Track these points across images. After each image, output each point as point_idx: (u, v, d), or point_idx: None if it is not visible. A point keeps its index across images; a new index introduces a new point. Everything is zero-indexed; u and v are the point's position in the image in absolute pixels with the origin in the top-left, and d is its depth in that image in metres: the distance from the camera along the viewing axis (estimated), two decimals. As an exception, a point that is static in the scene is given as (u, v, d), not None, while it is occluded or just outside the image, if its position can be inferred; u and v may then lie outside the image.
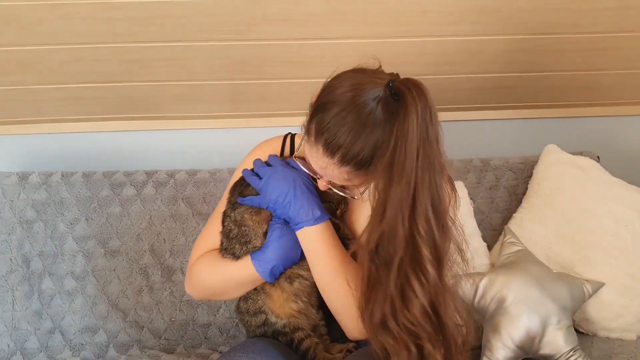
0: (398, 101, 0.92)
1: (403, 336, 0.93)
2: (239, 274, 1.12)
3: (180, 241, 1.66)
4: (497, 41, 1.66)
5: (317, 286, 1.11)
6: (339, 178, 1.01)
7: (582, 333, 1.52)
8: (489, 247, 1.65)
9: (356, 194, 1.09)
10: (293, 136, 1.25)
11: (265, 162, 1.13)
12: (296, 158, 1.09)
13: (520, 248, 1.53)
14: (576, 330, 1.43)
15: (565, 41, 1.69)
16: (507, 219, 1.70)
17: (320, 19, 1.55)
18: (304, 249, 1.08)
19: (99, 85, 1.74)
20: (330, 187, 1.06)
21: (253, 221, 1.11)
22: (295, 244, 1.08)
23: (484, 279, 1.41)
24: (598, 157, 1.74)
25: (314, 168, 1.03)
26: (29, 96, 1.75)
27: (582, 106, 1.97)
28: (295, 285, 1.12)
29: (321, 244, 1.06)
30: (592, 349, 1.43)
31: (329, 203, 1.10)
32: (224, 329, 1.62)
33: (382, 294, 0.94)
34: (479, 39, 1.65)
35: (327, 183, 1.05)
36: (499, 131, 1.98)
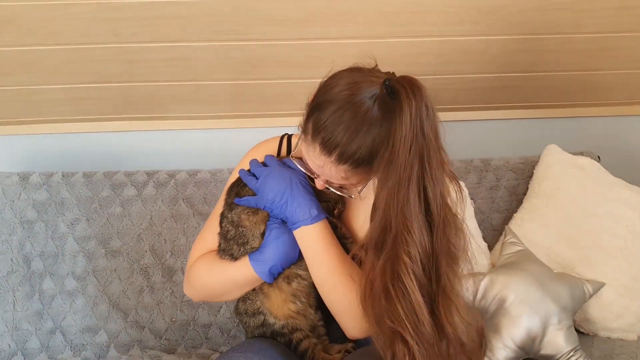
0: (394, 99, 0.92)
1: (395, 335, 0.93)
2: (237, 275, 1.12)
3: (181, 241, 1.66)
4: (497, 41, 1.66)
5: (315, 286, 1.11)
6: (336, 177, 1.01)
7: (583, 333, 1.52)
8: (490, 247, 1.65)
9: (354, 193, 1.09)
10: (290, 137, 1.25)
11: (261, 162, 1.13)
12: (293, 158, 1.09)
13: (521, 248, 1.53)
14: (577, 331, 1.43)
15: (566, 41, 1.69)
16: (507, 219, 1.70)
17: (320, 19, 1.55)
18: (302, 248, 1.08)
19: (99, 85, 1.74)
20: (328, 186, 1.06)
21: (250, 222, 1.11)
22: (293, 243, 1.08)
23: (485, 279, 1.41)
24: (599, 157, 1.74)
25: (311, 167, 1.03)
26: (29, 96, 1.75)
27: (582, 106, 1.97)
28: (294, 286, 1.12)
29: (319, 243, 1.06)
30: (592, 349, 1.43)
31: (326, 202, 1.10)
32: (224, 329, 1.62)
33: (378, 289, 0.95)
34: (479, 39, 1.65)
35: (324, 182, 1.05)
36: (499, 131, 1.98)
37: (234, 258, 1.12)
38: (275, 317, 1.13)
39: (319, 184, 1.06)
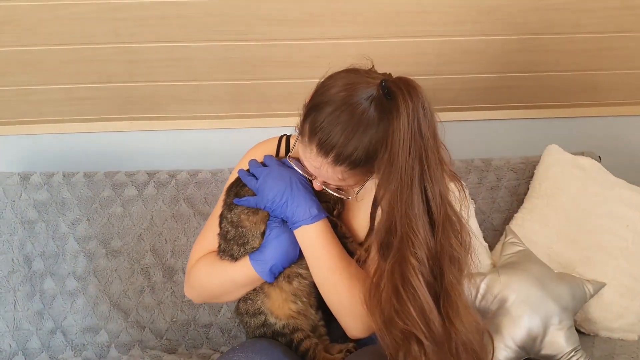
0: (390, 100, 0.92)
1: (407, 335, 0.93)
2: (237, 275, 1.12)
3: (181, 241, 1.66)
4: (497, 41, 1.66)
5: (316, 286, 1.11)
6: (333, 178, 1.01)
7: (584, 333, 1.51)
8: (491, 248, 1.65)
9: (351, 195, 1.09)
10: (288, 137, 1.25)
11: (261, 162, 1.13)
12: (290, 158, 1.09)
13: (522, 248, 1.52)
14: (577, 331, 1.43)
15: (566, 41, 1.69)
16: (508, 219, 1.70)
17: (320, 19, 1.55)
18: (302, 248, 1.08)
19: (100, 85, 1.74)
20: (325, 187, 1.06)
21: (250, 222, 1.11)
22: (293, 242, 1.08)
23: (486, 279, 1.41)
24: (599, 157, 1.74)
25: (308, 168, 1.03)
26: (30, 96, 1.75)
27: (583, 106, 1.97)
28: (295, 285, 1.12)
29: (319, 243, 1.06)
30: (593, 349, 1.43)
31: (325, 203, 1.10)
32: (225, 329, 1.62)
33: (385, 290, 0.95)
34: (479, 39, 1.65)
35: (321, 184, 1.05)
36: (500, 131, 1.98)
37: (235, 258, 1.12)
38: (276, 317, 1.13)
39: (316, 185, 1.06)
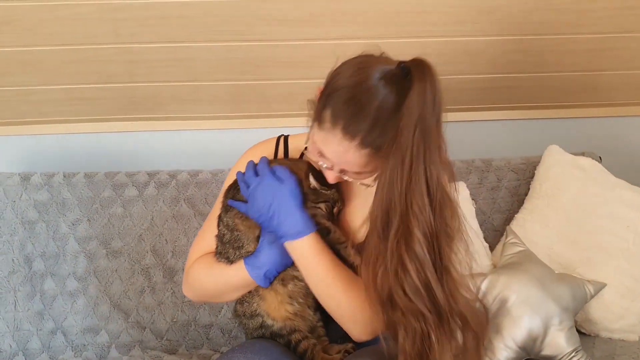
0: (408, 78, 0.94)
1: (409, 312, 0.95)
2: (233, 278, 1.12)
3: (182, 242, 1.66)
4: (498, 41, 1.66)
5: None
6: (357, 163, 1.00)
7: (584, 334, 1.51)
8: (491, 248, 1.65)
9: (369, 182, 1.08)
10: (286, 137, 1.25)
11: (256, 164, 1.11)
12: (306, 157, 1.07)
13: (522, 249, 1.52)
14: (578, 331, 1.43)
15: (567, 41, 1.69)
16: (509, 219, 1.69)
17: (320, 19, 1.55)
18: (294, 260, 1.08)
19: (100, 85, 1.74)
20: (344, 176, 1.04)
21: (244, 226, 1.11)
22: None
23: (486, 279, 1.41)
24: (600, 157, 1.74)
25: (329, 157, 1.01)
26: (30, 97, 1.75)
27: (584, 107, 1.97)
28: (290, 287, 1.12)
29: (309, 256, 1.06)
30: (594, 349, 1.42)
31: (325, 202, 1.10)
32: (225, 330, 1.62)
33: (384, 268, 0.96)
34: (480, 40, 1.65)
35: (340, 173, 1.04)
36: (500, 132, 1.98)
37: (230, 261, 1.12)
38: (272, 319, 1.13)
39: (332, 176, 1.04)
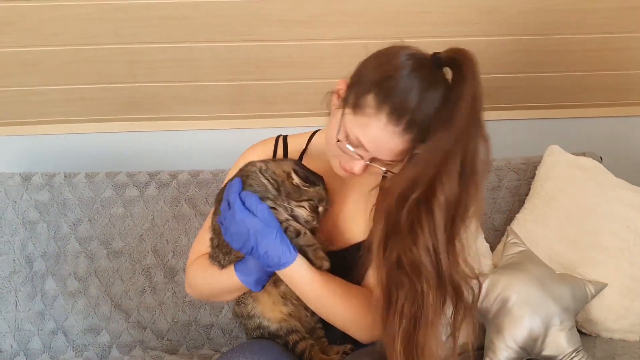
0: (454, 67, 0.97)
1: (414, 270, 0.96)
2: (225, 283, 1.12)
3: (182, 242, 1.66)
4: (498, 42, 1.66)
5: None
6: (395, 151, 1.00)
7: (585, 334, 1.51)
8: (492, 248, 1.65)
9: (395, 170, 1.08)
10: (285, 137, 1.25)
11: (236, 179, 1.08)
12: (338, 143, 1.04)
13: (523, 249, 1.52)
14: (579, 331, 1.43)
15: (568, 42, 1.69)
16: (509, 219, 1.69)
17: (321, 19, 1.55)
18: (287, 284, 1.08)
19: (101, 86, 1.74)
20: (373, 164, 1.03)
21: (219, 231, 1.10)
22: None
23: (487, 279, 1.41)
24: (601, 157, 1.74)
25: (367, 143, 1.00)
26: (31, 97, 1.75)
27: (584, 107, 1.96)
28: (282, 288, 1.11)
29: (298, 280, 1.06)
30: (594, 350, 1.42)
31: (308, 201, 1.07)
32: (226, 330, 1.62)
33: (397, 232, 0.97)
34: (480, 40, 1.65)
35: (370, 162, 1.03)
36: (501, 132, 1.98)
37: (222, 266, 1.12)
38: (268, 320, 1.13)
39: (358, 167, 1.03)
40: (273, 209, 1.04)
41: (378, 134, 0.98)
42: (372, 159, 1.03)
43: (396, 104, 0.96)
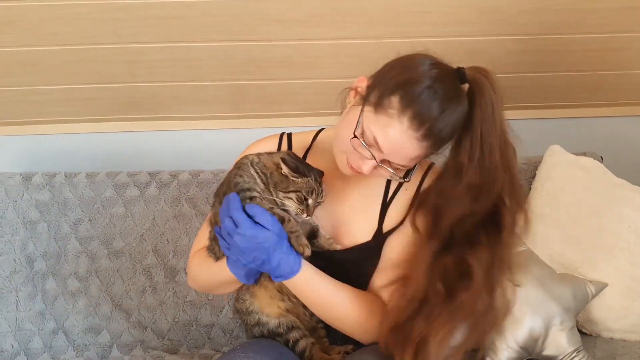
0: (473, 87, 1.01)
1: (467, 241, 1.05)
2: (220, 275, 1.12)
3: (183, 242, 1.66)
4: (499, 41, 1.66)
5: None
6: (409, 156, 1.01)
7: (586, 334, 1.51)
8: (492, 248, 1.65)
9: (404, 176, 1.09)
10: (290, 135, 1.25)
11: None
12: (352, 140, 1.03)
13: (524, 249, 1.52)
14: (579, 331, 1.43)
15: (568, 41, 1.68)
16: (510, 219, 1.69)
17: (321, 19, 1.55)
18: (295, 294, 1.09)
19: (101, 85, 1.74)
20: (383, 166, 1.03)
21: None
22: None
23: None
24: (602, 157, 1.73)
25: (383, 144, 0.99)
26: (31, 97, 1.76)
27: (585, 106, 1.96)
28: (277, 283, 1.11)
29: (306, 288, 1.07)
30: (595, 349, 1.42)
31: (295, 192, 1.05)
32: (227, 330, 1.62)
33: (450, 245, 1.04)
34: (480, 39, 1.65)
35: (380, 164, 1.02)
36: (501, 131, 1.98)
37: (217, 257, 1.12)
38: (267, 315, 1.13)
39: (368, 167, 1.03)
40: (255, 199, 1.04)
41: (397, 136, 0.98)
42: (383, 161, 1.03)
43: (420, 109, 0.97)
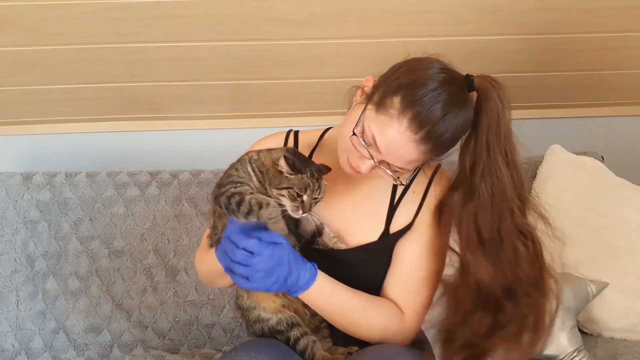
0: (480, 92, 1.00)
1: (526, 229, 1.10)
2: (212, 263, 1.09)
3: (184, 241, 1.66)
4: (500, 41, 1.66)
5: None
6: (407, 159, 1.00)
7: (587, 333, 1.51)
8: (493, 247, 1.64)
9: (403, 179, 1.08)
10: (297, 133, 1.25)
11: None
12: (352, 137, 1.03)
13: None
14: (580, 331, 1.43)
15: (569, 41, 1.68)
16: (511, 219, 1.69)
17: (322, 19, 1.55)
18: (311, 306, 1.10)
19: (102, 85, 1.74)
20: (381, 166, 1.02)
21: (214, 215, 1.10)
22: None
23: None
24: (602, 157, 1.73)
25: (381, 144, 0.99)
26: (32, 96, 1.76)
27: (586, 106, 1.96)
28: None
29: (322, 297, 1.07)
30: (596, 349, 1.42)
31: (287, 189, 1.03)
32: (227, 329, 1.62)
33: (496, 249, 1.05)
34: (481, 39, 1.65)
35: (379, 164, 1.02)
36: (502, 131, 1.97)
37: (211, 245, 1.12)
38: (264, 310, 1.12)
39: (366, 167, 1.03)
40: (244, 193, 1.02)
41: (395, 137, 0.98)
42: (381, 162, 1.02)
43: (421, 111, 0.96)
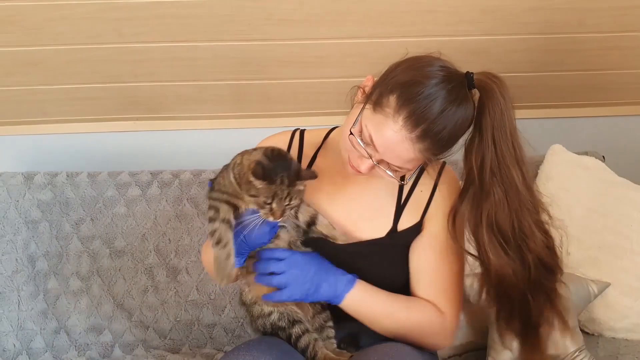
0: (482, 93, 0.99)
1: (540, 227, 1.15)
2: (211, 254, 1.08)
3: (185, 241, 1.66)
4: (501, 41, 1.66)
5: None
6: (403, 157, 0.99)
7: (588, 333, 1.51)
8: (494, 247, 1.64)
9: (401, 179, 1.08)
10: (302, 132, 1.24)
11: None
12: (350, 136, 1.03)
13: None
14: (582, 331, 1.43)
15: (570, 41, 1.68)
16: (512, 219, 1.69)
17: (323, 19, 1.55)
18: (352, 315, 1.10)
19: (103, 85, 1.74)
20: (379, 166, 1.02)
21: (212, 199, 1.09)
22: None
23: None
24: (603, 157, 1.73)
25: (378, 143, 0.99)
26: (34, 96, 1.76)
27: (587, 106, 1.96)
28: None
29: (361, 307, 1.09)
30: (597, 349, 1.42)
31: (254, 197, 1.01)
32: (229, 329, 1.62)
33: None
34: (482, 39, 1.65)
35: (377, 163, 1.02)
36: (503, 131, 1.97)
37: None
38: (267, 305, 1.12)
39: (365, 166, 1.03)
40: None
41: (390, 136, 0.98)
42: (380, 161, 1.02)
43: (416, 109, 0.96)
